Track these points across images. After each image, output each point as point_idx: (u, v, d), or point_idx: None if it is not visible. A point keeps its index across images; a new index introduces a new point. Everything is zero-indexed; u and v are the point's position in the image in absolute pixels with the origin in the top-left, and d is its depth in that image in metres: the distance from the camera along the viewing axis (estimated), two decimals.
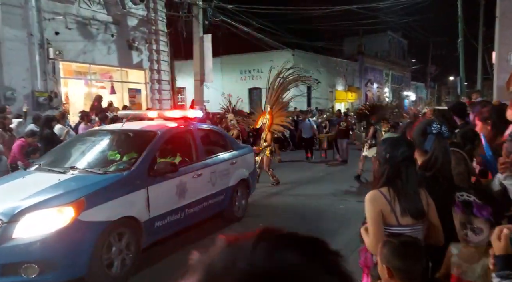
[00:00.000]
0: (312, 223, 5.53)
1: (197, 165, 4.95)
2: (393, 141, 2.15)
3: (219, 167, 5.31)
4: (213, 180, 5.15)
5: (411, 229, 1.98)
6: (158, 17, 12.99)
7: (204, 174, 4.98)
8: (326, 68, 25.35)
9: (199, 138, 5.21)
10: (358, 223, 2.56)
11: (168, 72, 13.73)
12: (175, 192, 4.45)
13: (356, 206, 6.02)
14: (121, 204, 3.81)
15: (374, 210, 1.98)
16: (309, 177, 9.14)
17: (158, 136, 4.57)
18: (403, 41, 37.69)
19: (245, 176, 5.89)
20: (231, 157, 5.68)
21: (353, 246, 4.25)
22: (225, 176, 5.39)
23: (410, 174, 2.01)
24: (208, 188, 5.05)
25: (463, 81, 18.35)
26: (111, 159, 4.51)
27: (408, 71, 39.15)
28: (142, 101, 13.04)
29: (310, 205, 6.55)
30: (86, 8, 10.82)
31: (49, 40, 9.81)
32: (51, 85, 9.94)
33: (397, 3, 16.43)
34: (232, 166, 5.60)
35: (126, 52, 12.13)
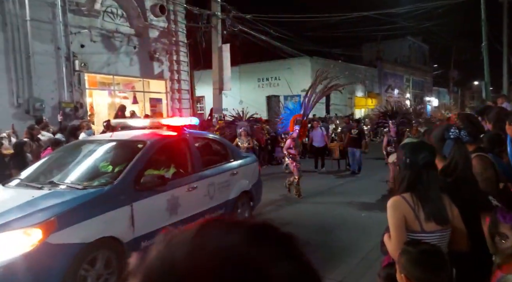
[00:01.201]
0: (324, 234, 5.33)
1: (192, 177, 4.51)
2: (414, 145, 2.11)
3: (217, 178, 4.88)
4: (211, 192, 4.72)
5: (436, 236, 1.94)
6: (178, 29, 13.31)
7: (200, 187, 4.54)
8: (344, 74, 25.16)
9: (195, 148, 4.84)
10: (379, 233, 2.53)
11: (188, 81, 13.99)
12: (165, 208, 4.02)
13: (377, 216, 5.93)
14: (99, 223, 3.38)
15: (397, 215, 1.94)
16: (320, 188, 8.65)
17: (147, 147, 4.17)
18: (423, 45, 37.04)
19: (247, 188, 5.44)
20: (232, 167, 5.27)
21: (374, 255, 4.20)
22: (224, 188, 4.96)
23: (431, 179, 1.97)
24: (205, 202, 4.61)
25: (488, 85, 17.86)
26: (103, 171, 4.14)
27: (430, 76, 38.37)
28: (163, 110, 13.32)
29: (321, 216, 6.31)
30: (109, 21, 11.22)
31: (75, 53, 10.22)
32: (77, 96, 10.32)
33: (416, 8, 16.23)
34: (233, 177, 5.16)
35: (147, 63, 12.46)
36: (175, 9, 13.14)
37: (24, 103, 9.18)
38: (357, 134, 10.42)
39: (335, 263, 4.40)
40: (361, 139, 10.62)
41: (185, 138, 4.79)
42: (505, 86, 18.75)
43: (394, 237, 1.93)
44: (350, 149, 10.44)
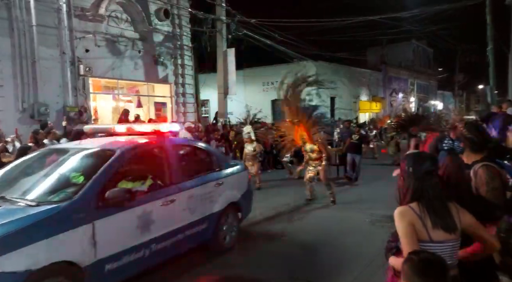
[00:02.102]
0: (328, 241, 5.17)
1: (170, 189, 4.09)
2: (416, 155, 2.14)
3: (199, 190, 4.45)
4: (192, 206, 4.29)
5: (445, 246, 1.92)
6: (183, 33, 13.36)
7: (179, 200, 4.11)
8: (349, 78, 25.16)
9: (174, 157, 4.40)
10: (383, 239, 2.49)
11: (193, 85, 14.02)
12: (136, 225, 3.60)
13: (381, 221, 5.86)
14: (51, 246, 2.92)
15: (405, 223, 1.94)
16: (319, 195, 8.03)
17: (116, 157, 3.72)
18: (428, 49, 36.93)
19: (235, 199, 5.04)
20: (217, 177, 4.86)
21: (379, 261, 4.15)
22: (208, 200, 4.55)
23: (435, 188, 1.98)
24: (184, 217, 4.19)
25: (493, 89, 17.72)
26: (71, 182, 3.66)
27: (434, 80, 38.24)
28: (167, 114, 13.35)
29: (324, 223, 6.14)
30: (114, 26, 11.28)
31: (80, 57, 10.28)
32: (81, 101, 10.37)
33: (421, 12, 16.18)
34: (218, 188, 4.74)
35: (152, 67, 12.51)
36: (179, 14, 13.20)
37: (29, 108, 9.23)
38: (358, 140, 9.95)
39: (339, 270, 4.35)
40: (361, 145, 10.19)
41: (163, 146, 4.35)
42: (510, 90, 18.59)
43: (404, 244, 1.92)
44: (350, 155, 9.88)
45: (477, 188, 2.34)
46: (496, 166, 2.47)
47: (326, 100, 23.22)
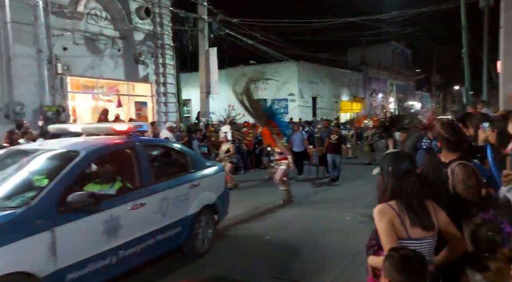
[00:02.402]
0: (309, 240, 5.18)
1: (141, 191, 3.90)
2: (395, 155, 2.19)
3: (173, 192, 4.25)
4: (164, 209, 4.10)
5: (423, 243, 1.98)
6: (164, 31, 13.21)
7: (150, 203, 3.92)
8: (330, 79, 25.48)
9: (145, 158, 4.19)
10: (364, 237, 2.54)
11: (174, 85, 13.88)
12: (101, 231, 3.40)
13: (362, 220, 5.97)
14: (4, 256, 2.72)
15: (385, 221, 1.99)
16: (300, 195, 8.08)
17: (80, 158, 3.49)
18: (406, 50, 37.83)
19: (211, 201, 4.88)
20: (192, 178, 4.67)
21: (360, 259, 4.22)
22: (182, 203, 4.37)
23: (414, 187, 2.03)
24: (156, 220, 4.00)
25: (468, 90, 18.30)
26: (35, 185, 3.44)
27: (413, 81, 39.17)
28: (148, 114, 13.17)
29: (305, 222, 6.10)
30: (93, 24, 11.04)
31: (58, 55, 10.01)
32: (59, 100, 10.10)
33: (400, 14, 16.56)
34: (192, 190, 4.56)
35: (132, 66, 12.31)
36: (160, 12, 13.05)
37: (4, 107, 8.93)
38: (336, 140, 9.88)
39: (321, 268, 4.40)
40: (340, 145, 10.16)
41: (133, 146, 4.10)
42: (484, 91, 19.28)
43: (385, 242, 1.97)
44: (329, 155, 9.86)
45: (454, 186, 2.40)
46: (471, 164, 2.56)
47: (309, 100, 23.51)
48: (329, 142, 9.94)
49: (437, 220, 2.03)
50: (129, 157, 4.08)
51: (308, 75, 23.32)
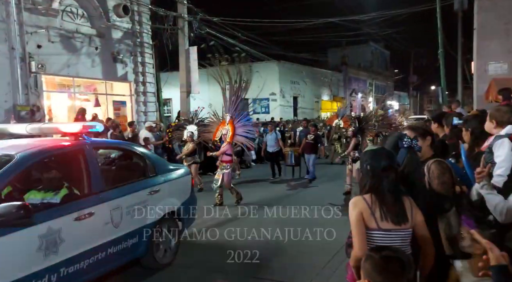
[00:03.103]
0: (289, 239, 5.04)
1: (88, 200, 3.53)
2: (373, 152, 2.23)
3: (127, 200, 3.89)
4: (116, 219, 3.71)
5: (393, 235, 2.03)
6: (143, 30, 12.99)
7: (99, 213, 3.54)
8: (311, 79, 25.72)
9: (95, 162, 3.79)
10: (344, 235, 2.56)
11: (154, 84, 13.67)
12: (37, 246, 2.98)
13: (341, 218, 6.02)
14: None
15: (355, 212, 2.07)
16: (276, 196, 8.16)
17: (13, 163, 3.08)
18: (385, 51, 38.63)
19: (174, 208, 4.53)
20: (152, 184, 4.32)
21: (340, 257, 4.27)
22: (139, 211, 4.00)
23: (390, 183, 2.08)
24: (107, 232, 3.61)
25: (444, 91, 18.82)
26: None
27: (391, 81, 40.02)
28: (127, 113, 12.92)
29: (284, 222, 5.99)
30: (69, 21, 10.73)
31: (31, 53, 9.68)
32: (33, 99, 9.76)
33: (379, 15, 16.89)
34: (152, 196, 4.20)
35: (110, 64, 12.04)
36: (139, 10, 12.82)
37: None
38: (313, 140, 9.84)
39: (301, 266, 4.42)
40: (317, 144, 10.12)
41: (81, 149, 3.70)
42: (459, 91, 19.89)
43: (354, 234, 2.05)
44: (306, 155, 9.86)
45: (429, 182, 2.48)
46: (446, 162, 2.64)
47: (290, 100, 23.65)
48: (306, 141, 9.91)
49: (411, 216, 2.08)
50: (77, 160, 3.67)
51: (289, 75, 23.46)
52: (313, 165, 9.81)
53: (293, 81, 23.86)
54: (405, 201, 2.09)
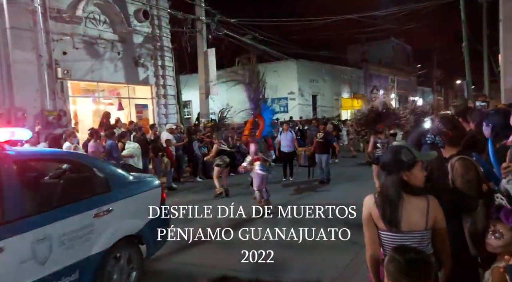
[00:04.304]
0: (311, 238, 5.01)
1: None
2: (392, 148, 2.19)
3: (62, 226, 3.07)
4: (42, 253, 2.90)
5: (403, 236, 1.96)
6: (163, 34, 13.24)
7: (12, 248, 2.72)
8: (331, 76, 25.45)
9: (14, 179, 2.95)
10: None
11: (174, 86, 13.91)
12: None
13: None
14: None
15: (364, 212, 2.06)
16: (290, 197, 7.80)
17: None
18: (407, 46, 37.75)
19: (134, 230, 3.76)
20: (101, 203, 3.47)
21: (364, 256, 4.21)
22: (79, 239, 3.20)
23: (391, 181, 2.01)
24: (27, 272, 2.81)
25: (470, 85, 18.23)
26: None
27: (414, 77, 39.06)
28: (149, 116, 13.20)
29: (304, 221, 5.85)
30: (92, 27, 11.08)
31: (57, 60, 10.05)
32: (60, 104, 10.14)
33: (399, 10, 16.52)
34: (99, 219, 3.39)
35: (132, 69, 12.35)
36: (159, 14, 13.07)
37: (5, 113, 8.97)
38: (322, 138, 9.28)
39: (325, 265, 4.40)
40: (328, 144, 9.48)
41: None
42: (486, 85, 19.20)
43: (364, 233, 2.05)
44: (317, 156, 9.38)
45: (453, 180, 2.40)
46: (471, 159, 2.55)
47: (309, 98, 23.50)
48: (316, 141, 9.47)
49: (428, 218, 1.97)
50: None
51: (308, 74, 23.31)
52: (327, 165, 9.36)
53: (311, 80, 23.69)
54: (422, 202, 1.99)
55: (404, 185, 1.99)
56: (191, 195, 8.96)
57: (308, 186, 9.28)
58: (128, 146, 8.62)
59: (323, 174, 9.43)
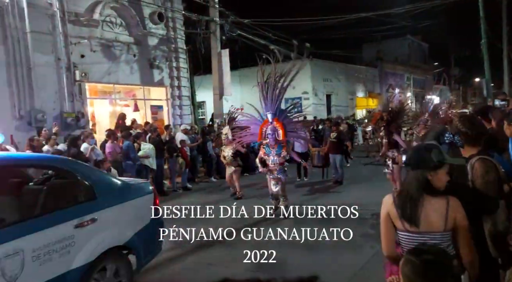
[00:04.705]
0: (334, 233, 4.99)
1: None
2: (420, 145, 2.15)
3: (36, 239, 2.83)
4: (12, 270, 2.66)
5: (421, 237, 1.92)
6: (177, 35, 13.37)
7: None
8: (345, 75, 25.21)
9: None
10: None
11: (188, 87, 14.04)
12: None
13: None
14: None
15: (382, 212, 2.05)
16: (304, 197, 7.76)
17: None
18: (423, 44, 37.04)
19: (122, 240, 3.50)
20: (82, 212, 3.22)
21: (379, 257, 4.17)
22: (57, 253, 2.93)
23: (411, 179, 1.99)
24: None
25: (489, 82, 17.77)
26: None
27: (431, 75, 38.32)
28: (164, 117, 13.36)
29: (325, 219, 5.79)
30: (109, 30, 11.29)
31: (75, 63, 10.28)
32: (78, 106, 10.37)
33: (415, 7, 16.22)
34: (81, 230, 3.14)
35: (147, 70, 12.52)
36: (173, 16, 13.21)
37: (26, 115, 9.23)
38: (335, 138, 9.23)
39: (339, 266, 4.36)
40: (341, 143, 9.45)
41: None
42: (506, 82, 18.67)
43: (381, 233, 2.04)
44: (331, 156, 9.38)
45: (473, 181, 2.35)
46: (492, 158, 2.48)
47: (323, 98, 23.33)
48: (329, 140, 9.48)
49: (447, 219, 1.93)
50: None
51: (322, 73, 23.14)
52: (341, 165, 9.33)
53: (325, 79, 23.51)
54: (441, 203, 1.95)
55: (426, 184, 1.96)
56: (206, 195, 9.05)
57: (322, 187, 9.25)
58: (143, 147, 8.76)
59: (337, 174, 9.39)
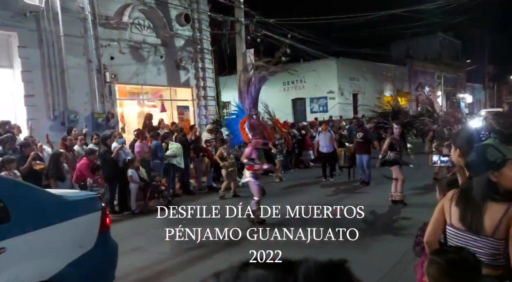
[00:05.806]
0: (356, 239, 5.04)
1: None
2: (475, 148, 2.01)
3: None
4: None
5: (463, 236, 1.87)
6: (203, 36, 13.53)
7: None
8: (372, 74, 24.67)
9: None
10: (411, 235, 2.44)
11: (214, 88, 14.17)
12: None
13: (412, 217, 5.69)
14: None
15: (440, 203, 2.05)
16: (329, 198, 7.67)
17: None
18: (455, 41, 35.65)
19: (46, 275, 2.75)
20: None
21: (409, 257, 4.04)
22: None
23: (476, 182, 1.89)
24: None
25: None
26: None
27: (463, 72, 36.84)
28: (190, 117, 13.55)
29: (348, 222, 5.82)
30: (137, 33, 11.57)
31: (106, 65, 10.61)
32: (108, 107, 10.70)
33: (446, 3, 15.62)
34: None
35: (174, 71, 12.73)
36: (199, 18, 13.38)
37: (59, 115, 9.61)
38: (362, 138, 9.08)
39: (369, 267, 4.26)
40: (369, 143, 9.21)
41: None
42: None
43: (431, 220, 2.05)
44: (358, 156, 9.20)
45: None
46: None
47: (349, 97, 22.94)
48: (356, 141, 9.32)
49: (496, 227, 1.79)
50: None
51: (348, 72, 22.75)
52: (368, 166, 8.98)
53: (352, 78, 23.10)
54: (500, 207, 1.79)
55: (492, 186, 1.81)
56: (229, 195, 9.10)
57: (348, 187, 9.11)
58: (171, 146, 8.92)
59: (364, 174, 9.19)
